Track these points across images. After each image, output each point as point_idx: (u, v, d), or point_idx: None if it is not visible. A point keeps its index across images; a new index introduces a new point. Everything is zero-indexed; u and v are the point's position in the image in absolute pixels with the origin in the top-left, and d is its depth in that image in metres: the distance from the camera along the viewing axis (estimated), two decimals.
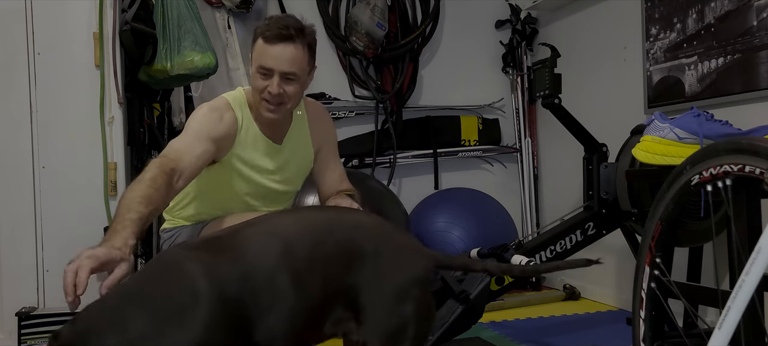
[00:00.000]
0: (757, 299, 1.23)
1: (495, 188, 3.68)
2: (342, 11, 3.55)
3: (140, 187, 1.46)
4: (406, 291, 1.32)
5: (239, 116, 1.86)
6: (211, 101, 1.88)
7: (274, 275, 1.25)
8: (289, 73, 1.78)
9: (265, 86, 1.78)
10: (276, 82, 1.77)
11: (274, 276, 1.25)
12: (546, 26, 3.73)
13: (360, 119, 3.62)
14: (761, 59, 2.29)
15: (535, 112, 3.80)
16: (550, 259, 2.45)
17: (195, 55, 2.78)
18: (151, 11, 2.77)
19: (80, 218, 2.59)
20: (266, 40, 1.76)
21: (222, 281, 1.19)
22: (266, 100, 1.80)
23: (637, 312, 1.63)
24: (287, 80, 1.79)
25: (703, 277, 2.30)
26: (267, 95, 1.79)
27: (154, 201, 1.44)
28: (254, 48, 1.80)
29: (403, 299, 1.31)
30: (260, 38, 1.78)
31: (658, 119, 1.93)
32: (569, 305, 3.20)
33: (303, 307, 1.26)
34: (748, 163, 1.34)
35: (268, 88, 1.77)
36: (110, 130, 2.62)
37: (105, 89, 2.62)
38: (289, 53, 1.76)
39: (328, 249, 1.31)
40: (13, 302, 2.47)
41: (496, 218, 3.34)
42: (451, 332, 2.16)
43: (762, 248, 1.13)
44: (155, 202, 1.45)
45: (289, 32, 1.75)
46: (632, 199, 2.38)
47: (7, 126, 2.56)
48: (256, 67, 1.79)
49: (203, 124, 1.76)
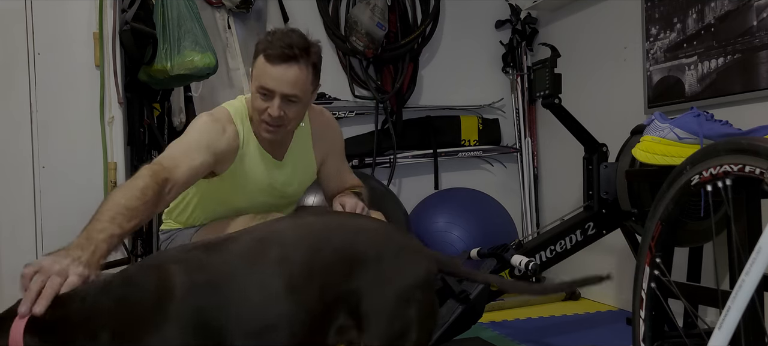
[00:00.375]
0: (757, 299, 1.23)
1: (495, 188, 3.68)
2: (342, 11, 3.55)
3: (130, 195, 1.39)
4: (408, 294, 1.31)
5: (241, 130, 1.78)
6: (213, 111, 1.80)
7: (266, 282, 1.23)
8: (291, 96, 1.69)
9: (265, 108, 1.70)
10: (277, 104, 1.69)
11: (267, 282, 1.23)
12: (546, 26, 3.73)
13: (360, 119, 3.62)
14: (761, 59, 2.29)
15: (535, 112, 3.80)
16: (550, 259, 2.45)
17: (195, 55, 2.78)
18: (151, 11, 2.77)
19: (80, 219, 2.57)
20: (268, 59, 1.67)
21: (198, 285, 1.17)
22: (266, 122, 1.73)
23: (637, 312, 1.63)
24: (288, 103, 1.71)
25: (703, 277, 2.30)
26: (267, 117, 1.71)
27: (138, 215, 1.37)
28: (255, 65, 1.71)
29: (406, 302, 1.30)
30: (262, 55, 1.68)
31: (658, 119, 1.93)
32: (569, 305, 3.20)
33: (301, 315, 1.24)
34: (748, 163, 1.34)
35: (269, 110, 1.70)
36: (110, 130, 2.62)
37: (105, 89, 2.61)
38: (292, 75, 1.67)
39: (326, 256, 1.29)
40: (13, 302, 2.47)
41: (496, 218, 3.34)
42: (451, 332, 2.16)
43: (762, 248, 1.13)
44: (140, 216, 1.38)
45: (293, 52, 1.66)
46: (632, 199, 2.38)
47: (7, 126, 2.56)
48: (256, 86, 1.70)
49: (203, 135, 1.68)
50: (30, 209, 2.57)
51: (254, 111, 1.75)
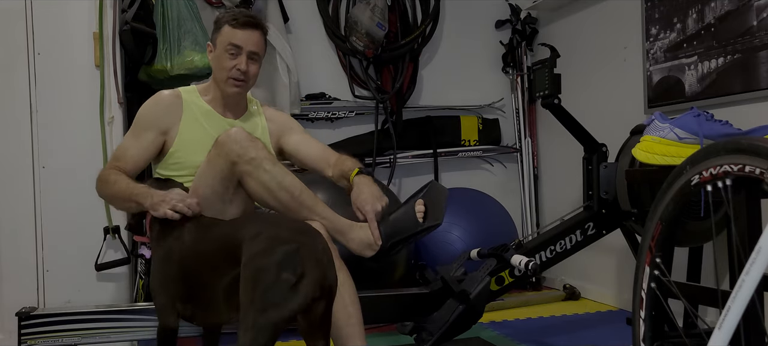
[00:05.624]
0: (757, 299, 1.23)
1: (495, 188, 3.68)
2: (342, 11, 3.55)
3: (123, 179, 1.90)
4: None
5: (183, 93, 2.08)
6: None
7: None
8: (255, 53, 2.05)
9: (233, 64, 2.02)
10: (244, 59, 2.02)
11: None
12: (546, 26, 3.73)
13: (360, 119, 3.62)
14: (761, 59, 2.29)
15: (535, 112, 3.80)
16: (550, 259, 2.45)
17: (195, 55, 2.78)
18: (151, 11, 2.78)
19: (80, 218, 2.59)
20: (236, 25, 2.01)
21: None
22: (233, 77, 2.02)
23: (637, 312, 1.63)
24: (252, 59, 2.05)
25: (703, 277, 2.30)
26: (235, 73, 2.02)
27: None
28: (220, 33, 2.03)
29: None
30: (227, 24, 2.02)
31: (658, 119, 1.93)
32: (569, 305, 3.20)
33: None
34: (748, 163, 1.34)
35: (237, 65, 2.01)
36: (110, 130, 2.62)
37: (105, 89, 2.62)
38: (256, 37, 2.04)
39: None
40: (13, 302, 2.47)
41: (496, 218, 3.34)
42: (451, 332, 2.16)
43: (762, 248, 1.13)
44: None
45: (255, 20, 2.05)
46: (632, 199, 2.38)
47: (7, 126, 2.56)
48: (225, 46, 2.01)
49: (141, 117, 2.04)
50: (30, 209, 2.57)
51: (221, 71, 2.04)
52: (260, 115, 2.20)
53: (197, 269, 1.65)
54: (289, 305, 1.40)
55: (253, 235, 1.49)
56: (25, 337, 2.18)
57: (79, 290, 2.57)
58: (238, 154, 1.78)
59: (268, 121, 2.20)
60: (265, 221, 1.62)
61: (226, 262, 1.56)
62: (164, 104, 2.05)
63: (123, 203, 1.94)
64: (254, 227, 1.53)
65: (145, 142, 2.00)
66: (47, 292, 2.57)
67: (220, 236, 1.63)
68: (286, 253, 1.43)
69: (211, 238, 1.65)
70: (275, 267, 1.41)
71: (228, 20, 2.03)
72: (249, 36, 2.02)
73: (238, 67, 2.01)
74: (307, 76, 3.48)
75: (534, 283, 3.54)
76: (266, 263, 1.41)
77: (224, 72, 2.03)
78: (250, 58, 2.04)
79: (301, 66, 3.37)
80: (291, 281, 1.40)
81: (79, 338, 2.20)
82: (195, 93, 2.11)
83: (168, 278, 1.72)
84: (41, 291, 2.56)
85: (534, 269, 2.19)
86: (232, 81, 2.03)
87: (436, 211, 1.95)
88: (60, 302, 2.54)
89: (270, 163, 1.82)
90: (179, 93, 2.09)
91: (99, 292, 2.59)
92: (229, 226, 1.66)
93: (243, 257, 1.47)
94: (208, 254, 1.62)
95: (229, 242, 1.57)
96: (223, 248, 1.58)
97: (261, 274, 1.41)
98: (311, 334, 1.54)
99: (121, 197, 1.90)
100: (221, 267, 1.58)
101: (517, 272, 2.29)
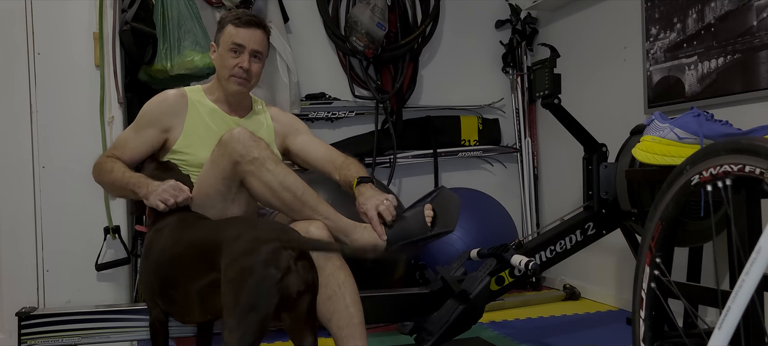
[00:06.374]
0: (757, 299, 1.23)
1: (495, 188, 3.68)
2: (342, 11, 3.55)
3: (120, 168, 1.94)
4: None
5: (188, 92, 2.10)
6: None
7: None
8: (258, 52, 2.07)
9: (236, 63, 2.04)
10: (247, 58, 2.04)
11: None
12: (546, 26, 3.73)
13: (360, 119, 3.62)
14: (761, 59, 2.29)
15: (535, 112, 3.80)
16: (550, 259, 2.45)
17: (195, 55, 2.78)
18: (151, 11, 2.78)
19: (80, 218, 2.59)
20: (239, 24, 2.04)
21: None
22: (235, 75, 2.05)
23: (637, 312, 1.63)
24: (255, 58, 2.07)
25: (703, 277, 2.30)
26: (238, 71, 2.04)
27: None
28: (223, 32, 2.06)
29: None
30: (230, 24, 2.05)
31: (658, 119, 1.93)
32: (569, 305, 3.20)
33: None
34: (748, 163, 1.34)
35: (240, 63, 2.04)
36: (110, 130, 2.62)
37: (105, 89, 2.62)
38: (258, 36, 2.07)
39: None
40: (13, 302, 2.47)
41: (496, 218, 3.34)
42: (451, 332, 2.16)
43: (762, 248, 1.13)
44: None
45: (257, 20, 2.08)
46: (632, 199, 2.38)
47: (7, 126, 2.56)
48: (228, 46, 2.04)
49: (144, 113, 2.06)
50: (30, 208, 2.57)
51: (224, 69, 2.06)
52: (265, 115, 2.21)
53: (171, 268, 1.67)
54: (274, 301, 1.42)
55: (233, 237, 1.50)
56: (25, 337, 2.19)
57: (79, 290, 2.57)
58: (240, 154, 1.78)
59: (273, 120, 2.21)
60: (242, 223, 1.63)
61: (201, 265, 1.56)
62: (169, 103, 2.07)
63: (119, 192, 1.99)
64: (233, 230, 1.53)
65: (144, 138, 2.03)
66: (47, 292, 2.57)
67: (197, 239, 1.63)
68: (269, 251, 1.44)
69: (187, 241, 1.65)
70: (261, 265, 1.41)
71: (231, 20, 2.06)
72: (251, 35, 2.05)
73: (240, 65, 2.04)
74: (307, 76, 3.48)
75: (534, 283, 3.54)
76: (251, 263, 1.42)
77: (227, 70, 2.05)
78: (253, 56, 2.06)
79: (301, 66, 3.37)
80: (276, 277, 1.42)
81: (79, 338, 2.20)
82: (200, 92, 2.13)
83: (147, 271, 1.76)
84: (41, 291, 2.56)
85: (534, 269, 2.18)
86: (234, 79, 2.06)
87: (446, 217, 1.94)
88: (60, 302, 2.54)
89: (273, 163, 1.81)
90: (184, 92, 2.11)
91: (99, 292, 2.59)
92: (206, 229, 1.66)
93: (223, 260, 1.48)
94: (183, 257, 1.63)
95: (204, 246, 1.57)
96: (199, 252, 1.59)
97: (247, 274, 1.42)
98: (299, 332, 1.55)
99: (117, 185, 1.94)
100: (196, 271, 1.59)
101: (517, 272, 2.29)
